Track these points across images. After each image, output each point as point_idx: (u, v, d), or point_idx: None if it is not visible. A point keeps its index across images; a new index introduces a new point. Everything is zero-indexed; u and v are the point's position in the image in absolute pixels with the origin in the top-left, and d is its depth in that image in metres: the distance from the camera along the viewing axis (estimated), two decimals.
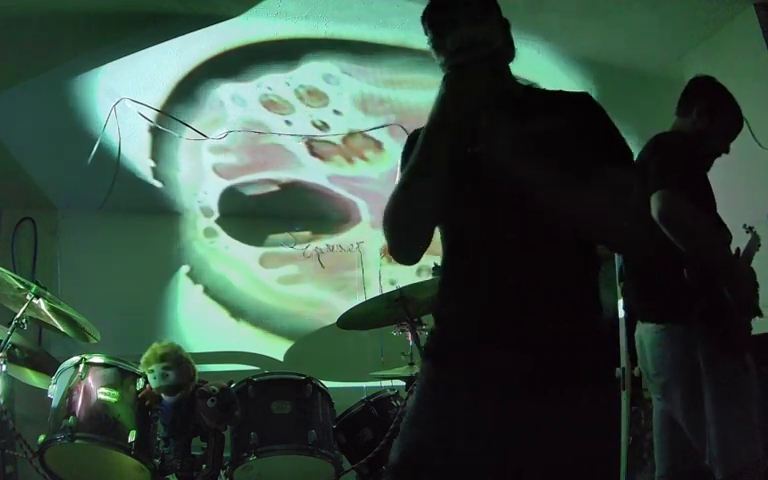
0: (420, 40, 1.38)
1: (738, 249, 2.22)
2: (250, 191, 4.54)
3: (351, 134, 4.04)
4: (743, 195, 2.84)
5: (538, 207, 1.20)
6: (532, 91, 1.44)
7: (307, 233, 4.99)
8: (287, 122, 3.90)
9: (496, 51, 1.27)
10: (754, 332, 2.18)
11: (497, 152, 1.23)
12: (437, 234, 1.38)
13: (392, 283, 2.86)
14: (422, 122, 1.28)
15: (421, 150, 1.25)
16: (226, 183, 4.45)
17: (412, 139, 1.37)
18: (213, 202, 4.66)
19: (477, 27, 1.26)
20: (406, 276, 3.39)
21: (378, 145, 4.22)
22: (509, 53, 1.39)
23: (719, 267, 2.04)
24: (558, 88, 1.42)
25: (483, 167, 1.25)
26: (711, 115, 2.20)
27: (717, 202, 2.19)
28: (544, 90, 1.42)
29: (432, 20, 1.33)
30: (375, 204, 4.75)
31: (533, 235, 1.23)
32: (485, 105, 1.26)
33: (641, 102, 3.69)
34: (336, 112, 3.87)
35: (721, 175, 2.34)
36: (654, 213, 1.97)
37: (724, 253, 2.09)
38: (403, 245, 1.35)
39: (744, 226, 2.31)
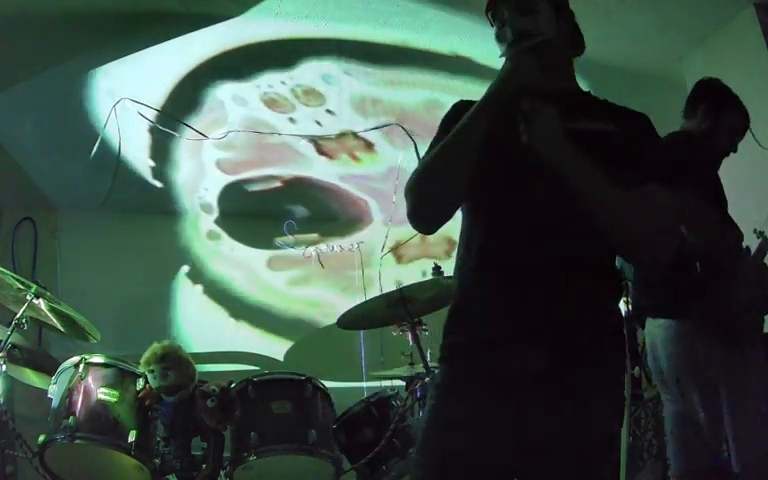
0: (420, 40, 1.39)
1: (748, 248, 2.23)
2: (253, 187, 4.54)
3: (344, 134, 4.05)
4: (743, 195, 2.84)
5: (578, 202, 1.21)
6: (589, 95, 1.44)
7: (315, 235, 4.99)
8: (291, 120, 3.90)
9: (546, 42, 1.31)
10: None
11: (539, 140, 1.23)
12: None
13: (398, 284, 2.85)
14: (420, 122, 1.28)
15: (467, 122, 1.27)
16: (228, 179, 4.44)
17: (458, 107, 1.40)
18: (213, 199, 4.66)
19: (526, 19, 1.32)
20: (410, 276, 3.37)
21: (369, 146, 4.22)
22: (568, 46, 1.41)
23: (731, 262, 2.05)
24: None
25: (527, 154, 1.24)
26: (717, 115, 2.23)
27: None
28: (603, 99, 1.42)
29: (495, 13, 1.40)
30: (386, 203, 4.76)
31: (571, 229, 1.22)
32: (532, 94, 1.26)
33: (641, 103, 3.67)
34: (329, 112, 3.87)
35: (722, 175, 2.35)
36: None
37: (737, 248, 2.10)
38: (432, 206, 1.33)
39: (755, 231, 2.33)
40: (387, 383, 3.64)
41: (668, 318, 2.14)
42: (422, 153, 1.42)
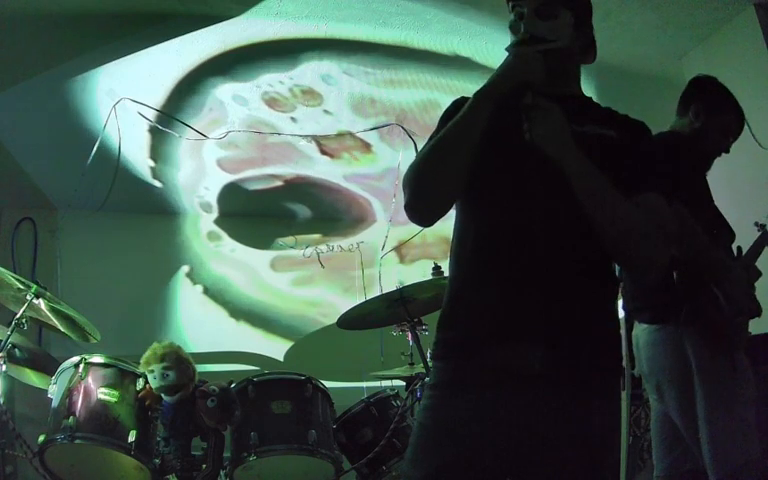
0: (420, 40, 1.39)
1: (740, 248, 2.21)
2: (253, 186, 4.54)
3: (344, 134, 4.05)
4: (744, 195, 2.85)
5: (577, 201, 1.20)
6: (592, 101, 1.44)
7: (317, 235, 4.99)
8: (292, 119, 3.90)
9: (555, 49, 1.31)
10: (754, 332, 2.17)
11: (542, 137, 1.22)
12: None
13: (399, 284, 2.85)
14: (420, 123, 1.28)
15: (465, 113, 1.27)
16: (229, 178, 4.44)
17: (458, 103, 1.40)
18: (213, 199, 4.65)
19: (543, 23, 1.32)
20: (410, 276, 3.36)
21: (368, 146, 4.22)
22: (580, 55, 1.42)
23: (709, 268, 2.02)
24: None
25: (527, 152, 1.23)
26: (708, 114, 2.18)
27: (719, 203, 2.17)
28: (606, 107, 1.43)
29: (515, 3, 1.39)
30: (389, 202, 4.75)
31: (569, 228, 1.23)
32: (535, 91, 1.25)
33: (641, 102, 3.69)
34: (327, 112, 3.87)
35: (722, 175, 2.34)
36: None
37: (715, 254, 2.06)
38: (429, 198, 1.31)
39: (756, 223, 2.31)
40: (387, 383, 3.65)
41: (649, 323, 2.13)
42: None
